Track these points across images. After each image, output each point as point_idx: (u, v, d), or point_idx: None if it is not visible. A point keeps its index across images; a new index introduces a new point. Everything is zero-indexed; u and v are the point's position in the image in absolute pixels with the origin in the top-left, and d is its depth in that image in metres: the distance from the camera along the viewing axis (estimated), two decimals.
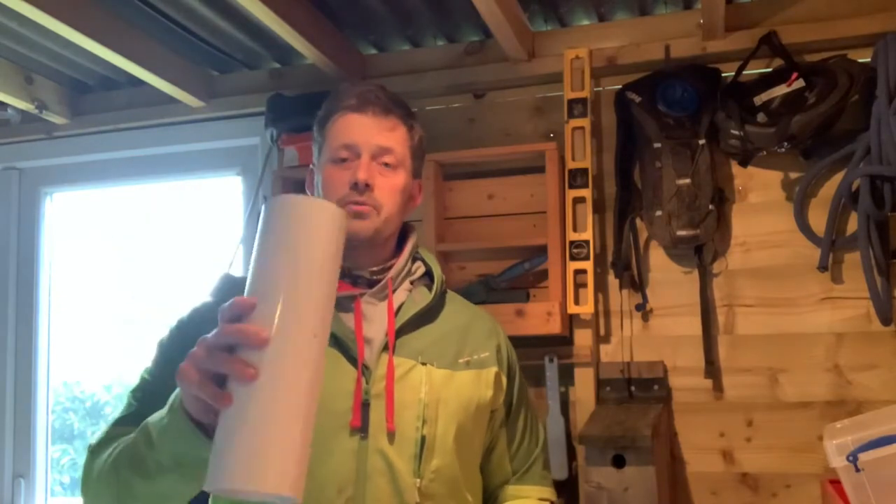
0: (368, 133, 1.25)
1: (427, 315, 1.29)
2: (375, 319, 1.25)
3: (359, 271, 1.27)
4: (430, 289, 1.32)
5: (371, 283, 1.27)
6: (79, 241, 3.14)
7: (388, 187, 1.25)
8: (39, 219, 2.79)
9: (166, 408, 0.98)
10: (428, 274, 1.35)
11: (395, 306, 1.27)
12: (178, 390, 0.95)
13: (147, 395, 1.17)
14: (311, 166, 1.35)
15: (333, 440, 1.15)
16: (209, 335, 0.86)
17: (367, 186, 1.22)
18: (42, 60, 2.44)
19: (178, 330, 1.24)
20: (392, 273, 1.29)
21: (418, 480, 1.17)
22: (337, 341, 1.21)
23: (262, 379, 0.78)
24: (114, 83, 2.62)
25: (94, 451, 1.14)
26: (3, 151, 2.77)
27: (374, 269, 1.28)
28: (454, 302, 1.37)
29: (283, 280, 0.83)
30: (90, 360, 3.98)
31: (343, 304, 1.24)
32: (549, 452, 1.77)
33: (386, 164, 1.26)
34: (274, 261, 0.84)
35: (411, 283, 1.33)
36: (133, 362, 4.11)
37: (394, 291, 1.28)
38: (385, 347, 1.22)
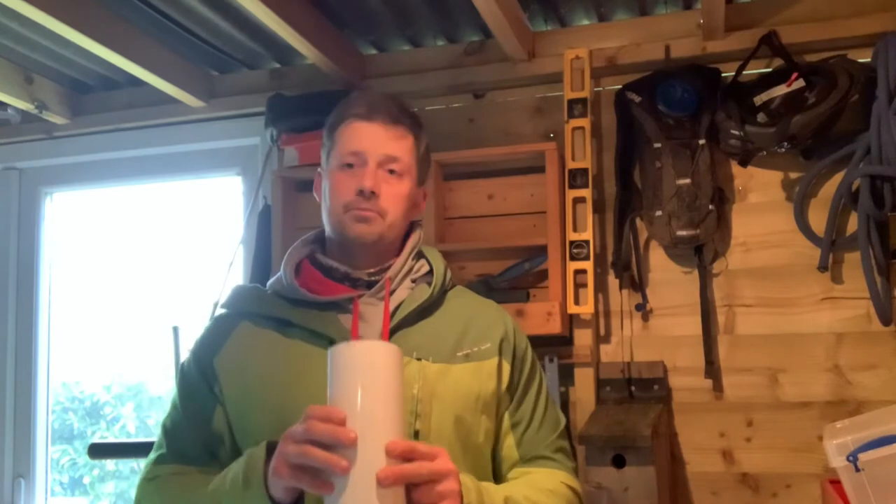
0: (376, 141, 1.28)
1: (426, 311, 1.30)
2: (373, 320, 1.26)
3: (357, 273, 1.29)
4: (431, 286, 1.33)
5: (370, 285, 1.29)
6: (79, 241, 3.14)
7: (393, 195, 1.28)
8: (39, 219, 2.79)
9: (240, 486, 1.10)
10: (432, 272, 1.36)
11: (395, 304, 1.28)
12: (239, 469, 1.11)
13: (176, 437, 1.29)
14: (318, 170, 1.37)
15: None
16: (297, 432, 1.01)
17: (373, 194, 1.25)
18: (42, 60, 2.44)
19: (182, 375, 1.32)
20: (390, 273, 1.30)
21: None
22: (333, 343, 1.22)
23: (353, 470, 0.99)
24: (114, 83, 2.62)
25: (145, 487, 1.26)
26: (3, 151, 2.77)
27: (372, 270, 1.30)
28: (460, 297, 1.38)
29: (358, 410, 1.03)
30: (90, 360, 3.98)
31: (342, 306, 1.27)
32: None
33: (391, 172, 1.28)
34: (351, 395, 1.03)
35: (413, 281, 1.34)
36: (133, 362, 4.11)
37: (394, 291, 1.30)
38: None
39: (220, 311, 1.37)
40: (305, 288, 1.29)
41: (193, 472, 1.25)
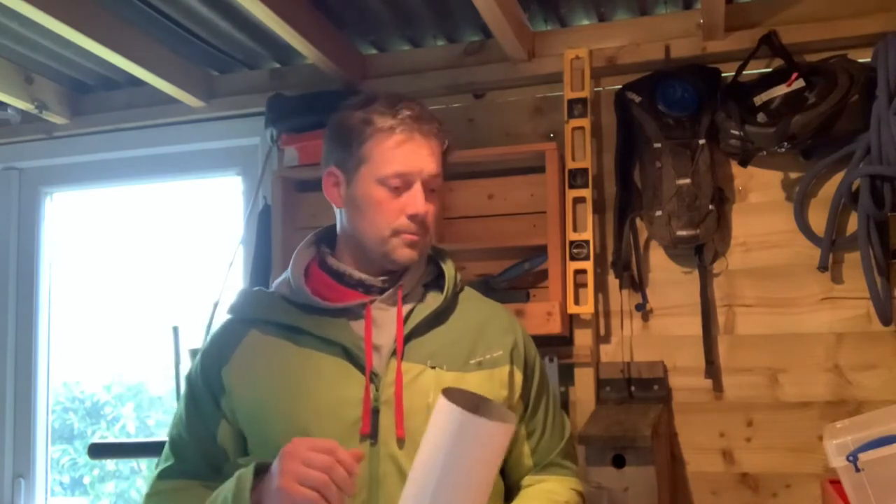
0: (422, 161, 1.26)
1: (439, 317, 1.30)
2: (386, 326, 1.26)
3: (370, 280, 1.29)
4: (443, 290, 1.33)
5: (383, 291, 1.29)
6: (79, 241, 3.14)
7: (435, 211, 1.30)
8: (39, 219, 2.79)
9: None
10: (442, 275, 1.36)
11: (407, 310, 1.28)
12: (229, 490, 1.11)
13: (180, 451, 1.29)
14: (330, 169, 1.31)
15: (345, 447, 1.17)
16: (315, 460, 1.04)
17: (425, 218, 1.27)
18: (42, 60, 2.44)
19: (189, 385, 1.31)
20: (404, 280, 1.30)
21: None
22: (345, 350, 1.23)
23: None
24: (114, 83, 2.62)
25: (147, 502, 1.26)
26: (3, 151, 2.77)
27: (386, 277, 1.30)
28: (470, 300, 1.37)
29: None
30: (90, 360, 3.98)
31: (354, 312, 1.27)
32: None
33: (432, 190, 1.29)
34: (458, 467, 1.01)
35: (424, 286, 1.34)
36: (133, 362, 4.12)
37: (406, 296, 1.29)
38: (394, 353, 1.23)
39: (226, 316, 1.36)
40: (316, 293, 1.28)
41: (196, 486, 1.25)
